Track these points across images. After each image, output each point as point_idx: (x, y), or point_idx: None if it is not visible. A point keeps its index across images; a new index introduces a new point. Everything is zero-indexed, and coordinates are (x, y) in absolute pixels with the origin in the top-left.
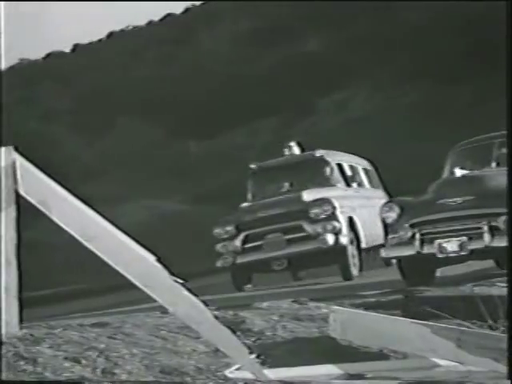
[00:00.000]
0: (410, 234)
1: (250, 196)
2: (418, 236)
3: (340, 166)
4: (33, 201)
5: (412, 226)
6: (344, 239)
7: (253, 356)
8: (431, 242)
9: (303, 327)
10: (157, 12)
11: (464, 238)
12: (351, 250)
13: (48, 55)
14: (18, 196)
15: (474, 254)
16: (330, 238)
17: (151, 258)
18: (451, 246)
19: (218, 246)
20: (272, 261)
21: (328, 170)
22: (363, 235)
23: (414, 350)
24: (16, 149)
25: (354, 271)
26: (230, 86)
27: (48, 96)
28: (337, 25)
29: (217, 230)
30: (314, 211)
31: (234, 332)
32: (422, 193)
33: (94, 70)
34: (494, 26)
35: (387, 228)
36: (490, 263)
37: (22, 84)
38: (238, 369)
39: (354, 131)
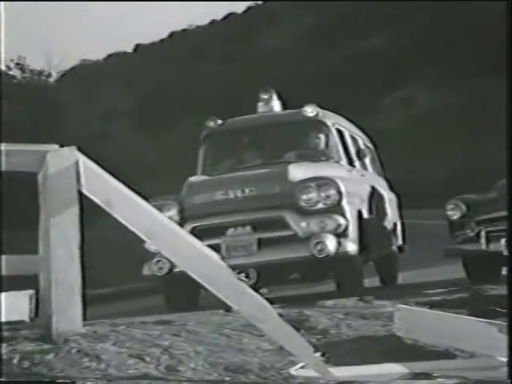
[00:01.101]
0: (475, 231)
1: (200, 167)
2: (483, 234)
3: (341, 135)
4: (96, 200)
5: (478, 223)
6: (351, 245)
7: (318, 354)
8: (497, 239)
9: (368, 325)
10: (219, 11)
11: None
12: (361, 263)
13: (109, 56)
14: (80, 195)
15: None
16: (331, 243)
17: (215, 257)
18: None
19: (148, 243)
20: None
21: (326, 137)
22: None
23: (481, 349)
24: (79, 148)
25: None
26: (291, 84)
27: (110, 96)
28: (399, 22)
29: None
30: (306, 197)
31: (298, 330)
32: (488, 190)
33: (156, 69)
34: None
35: (452, 226)
36: None
37: (84, 84)
38: (302, 367)
39: (416, 129)
